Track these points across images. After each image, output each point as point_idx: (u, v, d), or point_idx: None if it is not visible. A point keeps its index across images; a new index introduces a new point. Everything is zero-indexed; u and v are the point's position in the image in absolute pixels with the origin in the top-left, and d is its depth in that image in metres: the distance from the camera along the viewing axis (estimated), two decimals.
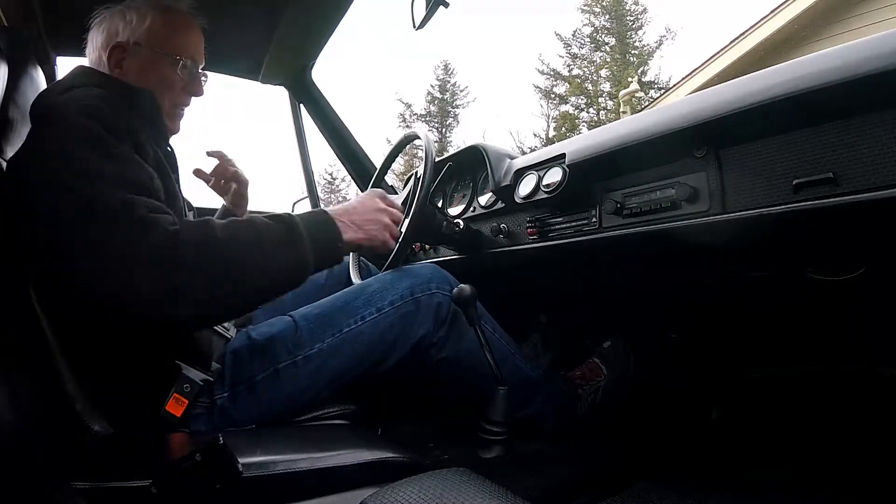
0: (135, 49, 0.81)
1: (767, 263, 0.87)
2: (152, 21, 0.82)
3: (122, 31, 0.82)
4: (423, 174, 0.98)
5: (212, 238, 0.60)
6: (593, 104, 16.65)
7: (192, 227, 0.61)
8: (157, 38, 0.82)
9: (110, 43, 0.81)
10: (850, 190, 0.52)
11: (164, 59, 0.83)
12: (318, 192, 1.83)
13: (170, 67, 0.83)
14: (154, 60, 0.82)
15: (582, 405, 1.02)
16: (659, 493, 0.85)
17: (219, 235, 0.61)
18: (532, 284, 1.31)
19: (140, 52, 0.81)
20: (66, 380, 0.66)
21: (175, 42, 0.84)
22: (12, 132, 0.77)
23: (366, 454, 0.65)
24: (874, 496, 0.82)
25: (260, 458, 0.60)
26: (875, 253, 0.75)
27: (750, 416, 1.10)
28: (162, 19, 0.83)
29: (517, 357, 0.94)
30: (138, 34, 0.81)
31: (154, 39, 0.82)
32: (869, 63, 0.49)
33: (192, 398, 0.72)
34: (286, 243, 0.65)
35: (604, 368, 1.07)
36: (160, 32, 0.82)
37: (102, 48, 0.82)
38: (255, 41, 1.36)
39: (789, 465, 0.94)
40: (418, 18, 1.08)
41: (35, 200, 0.61)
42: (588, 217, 0.84)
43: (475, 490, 0.47)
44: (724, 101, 0.62)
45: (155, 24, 0.82)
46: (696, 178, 0.68)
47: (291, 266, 0.66)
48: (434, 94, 19.48)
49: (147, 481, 0.52)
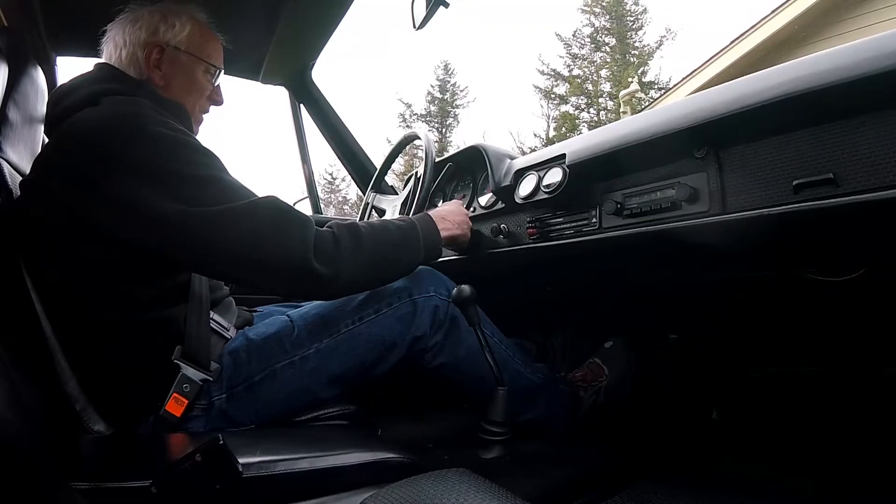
0: (174, 52, 0.84)
1: (767, 263, 0.87)
2: (191, 29, 0.86)
3: (164, 32, 0.83)
4: (423, 174, 0.99)
5: (358, 234, 0.75)
6: (593, 104, 16.64)
7: (338, 226, 0.75)
8: (195, 44, 0.86)
9: (150, 41, 0.82)
10: (850, 190, 0.52)
11: (199, 64, 0.87)
12: (318, 191, 1.83)
13: (203, 75, 0.88)
14: (190, 65, 0.86)
15: (583, 407, 1.02)
16: (659, 493, 0.85)
17: (364, 235, 0.75)
18: (532, 284, 1.31)
19: (178, 56, 0.84)
20: (66, 380, 0.66)
21: (207, 50, 0.88)
22: (12, 132, 0.77)
23: (366, 454, 0.65)
24: (874, 496, 0.81)
25: (260, 458, 0.60)
26: (875, 253, 0.75)
27: (750, 416, 1.10)
28: (198, 29, 0.87)
29: (517, 361, 0.94)
30: (179, 38, 0.84)
31: (192, 45, 0.86)
32: (869, 63, 0.49)
33: (192, 398, 0.72)
34: (410, 242, 0.81)
35: (605, 369, 1.07)
36: (198, 40, 0.87)
37: (140, 45, 0.82)
38: (255, 41, 1.36)
39: (789, 465, 0.94)
40: (418, 18, 1.08)
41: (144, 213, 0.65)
42: (588, 217, 0.84)
43: (475, 490, 0.47)
44: (724, 102, 0.62)
45: (193, 32, 0.86)
46: (696, 178, 0.68)
47: (412, 260, 0.82)
48: (434, 95, 19.47)
49: (147, 481, 0.52)
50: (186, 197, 0.65)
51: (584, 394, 1.03)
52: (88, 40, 0.86)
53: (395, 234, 0.79)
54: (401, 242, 0.79)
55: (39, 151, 0.79)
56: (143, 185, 0.65)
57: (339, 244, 0.72)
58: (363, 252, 0.74)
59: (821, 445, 0.96)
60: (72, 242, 0.68)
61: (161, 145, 0.67)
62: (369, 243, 0.75)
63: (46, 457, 0.51)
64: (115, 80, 0.79)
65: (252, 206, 0.68)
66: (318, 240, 0.70)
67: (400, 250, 0.79)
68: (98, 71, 0.81)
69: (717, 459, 1.00)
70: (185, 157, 0.68)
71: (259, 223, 0.67)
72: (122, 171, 0.65)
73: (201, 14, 0.89)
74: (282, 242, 0.67)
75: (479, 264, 1.11)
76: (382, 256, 0.77)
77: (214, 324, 0.78)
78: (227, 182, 0.69)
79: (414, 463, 0.68)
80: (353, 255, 0.73)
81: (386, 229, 0.79)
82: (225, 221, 0.65)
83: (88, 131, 0.68)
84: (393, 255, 0.78)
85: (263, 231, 0.67)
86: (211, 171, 0.69)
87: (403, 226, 0.81)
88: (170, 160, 0.67)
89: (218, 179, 0.69)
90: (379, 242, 0.77)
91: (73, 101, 0.73)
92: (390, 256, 0.78)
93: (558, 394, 1.00)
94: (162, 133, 0.68)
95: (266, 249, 0.67)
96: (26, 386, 0.54)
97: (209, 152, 0.72)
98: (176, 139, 0.69)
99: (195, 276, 0.77)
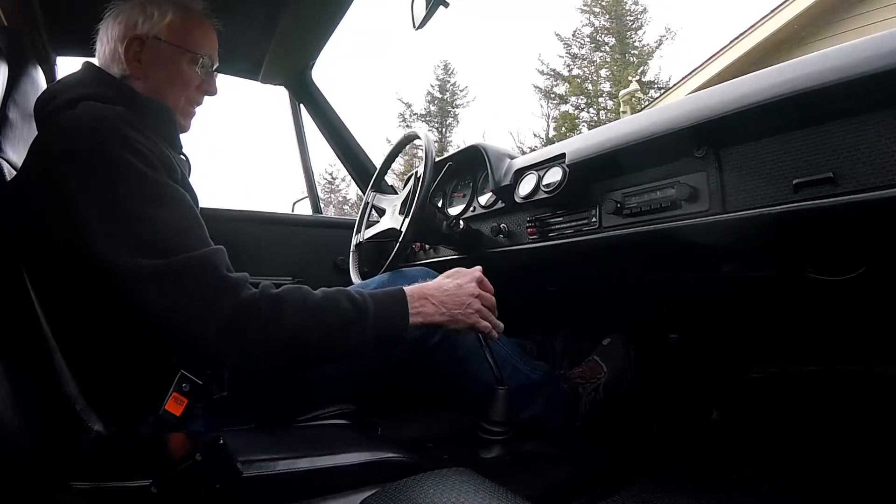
0: (154, 43, 0.81)
1: (767, 263, 0.87)
2: (172, 17, 0.82)
3: (142, 24, 0.81)
4: (423, 174, 0.98)
5: (281, 311, 0.64)
6: (593, 104, 16.64)
7: (266, 297, 0.64)
8: (177, 33, 0.82)
9: (128, 35, 0.80)
10: (850, 190, 0.52)
11: (183, 54, 0.83)
12: (318, 192, 1.83)
13: (187, 64, 0.84)
14: (172, 56, 0.82)
15: (582, 404, 1.02)
16: (659, 493, 0.85)
17: (286, 310, 0.64)
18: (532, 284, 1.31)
19: (159, 47, 0.81)
20: (66, 380, 0.66)
21: (193, 38, 0.84)
22: (12, 132, 0.77)
23: (366, 454, 0.65)
24: (874, 496, 0.81)
25: (260, 458, 0.60)
26: (875, 253, 0.75)
27: (750, 416, 1.10)
28: (181, 16, 0.83)
29: (516, 359, 0.94)
30: (158, 29, 0.81)
31: (173, 35, 0.82)
32: (869, 63, 0.49)
33: (192, 397, 0.72)
34: (350, 327, 0.68)
35: (604, 365, 1.07)
36: (179, 28, 0.82)
37: (119, 40, 0.80)
38: (255, 41, 1.36)
39: (789, 465, 0.94)
40: (418, 18, 1.08)
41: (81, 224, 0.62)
42: (588, 217, 0.84)
43: (475, 490, 0.47)
44: (724, 101, 0.62)
45: (175, 21, 0.82)
46: (696, 178, 0.68)
47: (351, 349, 0.69)
48: (434, 94, 19.47)
49: (147, 481, 0.52)
50: (121, 240, 0.62)
51: (583, 390, 1.03)
52: (88, 40, 0.85)
53: (332, 318, 0.67)
54: (340, 324, 0.67)
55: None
56: (92, 206, 0.63)
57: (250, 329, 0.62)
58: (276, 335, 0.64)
59: (821, 445, 0.96)
60: (61, 243, 0.67)
61: (121, 173, 0.65)
62: (288, 328, 0.64)
63: (46, 457, 0.51)
64: (94, 84, 0.77)
65: (181, 265, 0.62)
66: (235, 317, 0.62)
67: (335, 333, 0.67)
68: (82, 72, 0.80)
69: (717, 459, 1.00)
70: (135, 192, 0.64)
71: (182, 285, 0.62)
72: (75, 188, 0.64)
73: (195, 3, 0.86)
74: (200, 311, 0.61)
75: (478, 264, 1.11)
76: (305, 344, 0.66)
77: None
78: (165, 225, 0.64)
79: (414, 463, 0.68)
80: (261, 341, 0.63)
81: (322, 309, 0.67)
82: (151, 277, 0.61)
83: (61, 139, 0.68)
84: (319, 341, 0.67)
85: (183, 296, 0.61)
86: (155, 210, 0.65)
87: (351, 308, 0.68)
88: (118, 191, 0.64)
89: (159, 220, 0.64)
90: (307, 321, 0.65)
91: (54, 106, 0.73)
92: (316, 343, 0.66)
93: (557, 391, 1.00)
94: (124, 160, 0.65)
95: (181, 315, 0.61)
96: (26, 386, 0.54)
97: (163, 183, 0.67)
98: (135, 168, 0.65)
99: None
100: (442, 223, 1.06)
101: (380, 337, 0.69)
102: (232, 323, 0.61)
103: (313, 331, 0.66)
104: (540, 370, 0.98)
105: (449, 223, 1.06)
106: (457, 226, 1.07)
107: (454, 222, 1.07)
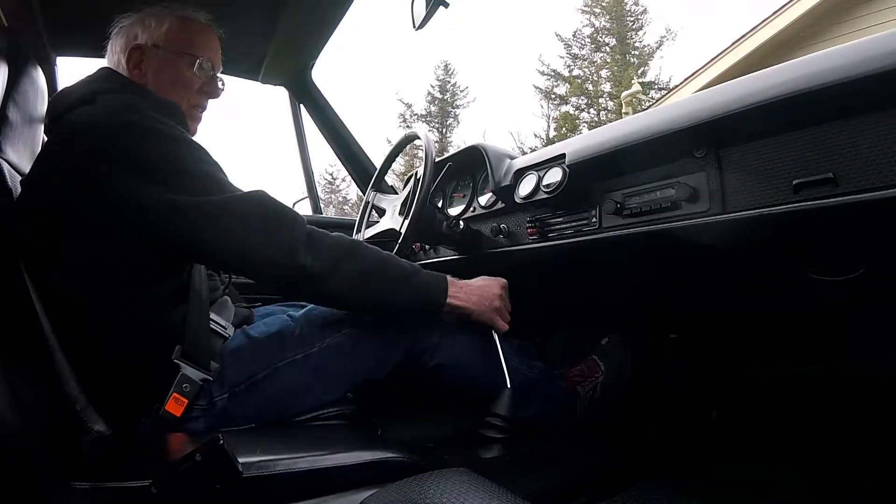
0: (153, 51, 0.84)
1: (767, 263, 0.87)
2: (170, 25, 0.85)
3: (142, 34, 0.84)
4: (423, 174, 0.99)
5: (357, 251, 0.75)
6: (594, 105, 16.64)
7: (344, 238, 0.75)
8: (174, 39, 0.85)
9: (129, 45, 0.84)
10: (850, 190, 0.52)
11: (182, 58, 0.86)
12: (318, 192, 1.83)
13: (187, 67, 0.86)
14: (171, 60, 0.85)
15: (581, 403, 1.02)
16: (659, 493, 0.85)
17: (362, 252, 0.75)
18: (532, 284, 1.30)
19: (158, 54, 0.84)
20: (66, 380, 0.66)
21: (192, 43, 0.87)
22: (12, 132, 0.77)
23: (366, 454, 0.65)
24: (874, 496, 0.81)
25: (260, 458, 0.60)
26: (875, 253, 0.75)
27: (750, 416, 1.10)
28: (179, 23, 0.86)
29: (514, 358, 0.94)
30: (156, 37, 0.84)
31: (171, 41, 0.85)
32: (869, 63, 0.49)
33: (192, 398, 0.72)
34: (410, 281, 0.78)
35: (601, 364, 1.07)
36: (177, 34, 0.86)
37: (122, 52, 0.84)
38: (254, 41, 1.37)
39: (789, 465, 0.94)
40: (418, 18, 1.08)
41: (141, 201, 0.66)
42: (588, 217, 0.84)
43: (475, 490, 0.47)
44: (724, 102, 0.62)
45: (172, 27, 0.85)
46: (696, 178, 0.68)
47: (405, 302, 0.78)
48: (434, 95, 19.47)
49: (147, 481, 0.52)
50: (175, 187, 0.66)
51: (581, 389, 1.03)
52: (88, 41, 0.86)
53: (395, 269, 0.77)
54: (399, 277, 0.77)
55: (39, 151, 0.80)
56: (133, 177, 0.66)
57: (335, 249, 0.72)
58: (356, 265, 0.73)
59: (821, 445, 0.96)
60: (71, 241, 0.68)
61: (150, 139, 0.68)
62: (366, 262, 0.74)
63: (46, 457, 0.51)
64: (112, 80, 0.81)
65: (241, 198, 0.69)
66: (311, 238, 0.71)
67: (395, 284, 0.76)
68: (98, 72, 0.83)
69: (717, 459, 1.00)
70: (174, 151, 0.70)
71: (247, 215, 0.68)
72: (113, 165, 0.66)
73: (196, 12, 0.89)
74: (271, 235, 0.68)
75: (478, 264, 1.11)
76: (374, 280, 0.75)
77: (213, 323, 0.78)
78: (216, 176, 0.71)
79: (414, 463, 0.68)
80: (346, 264, 0.72)
81: (388, 261, 0.77)
82: (214, 211, 0.66)
83: (82, 128, 0.69)
84: (384, 285, 0.76)
85: (252, 223, 0.68)
86: (200, 166, 0.70)
87: (409, 267, 0.79)
88: (159, 153, 0.68)
89: (207, 173, 0.70)
90: (377, 263, 0.75)
91: (71, 101, 0.74)
92: (382, 284, 0.76)
93: (555, 389, 1.00)
94: (152, 128, 0.69)
95: (254, 241, 0.68)
96: (26, 386, 0.54)
97: (199, 147, 0.73)
98: (165, 133, 0.70)
99: (195, 276, 0.78)
100: (442, 223, 1.06)
101: (421, 301, 0.79)
102: (313, 244, 0.70)
103: (382, 273, 0.75)
104: (537, 369, 0.98)
105: (449, 223, 1.06)
106: (457, 226, 1.07)
107: (454, 222, 1.07)
